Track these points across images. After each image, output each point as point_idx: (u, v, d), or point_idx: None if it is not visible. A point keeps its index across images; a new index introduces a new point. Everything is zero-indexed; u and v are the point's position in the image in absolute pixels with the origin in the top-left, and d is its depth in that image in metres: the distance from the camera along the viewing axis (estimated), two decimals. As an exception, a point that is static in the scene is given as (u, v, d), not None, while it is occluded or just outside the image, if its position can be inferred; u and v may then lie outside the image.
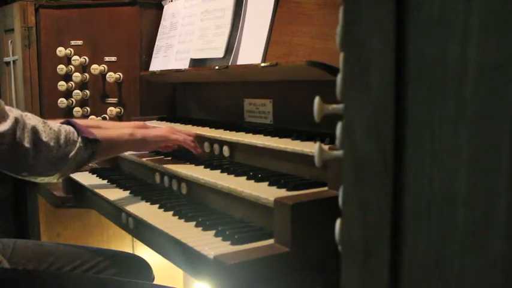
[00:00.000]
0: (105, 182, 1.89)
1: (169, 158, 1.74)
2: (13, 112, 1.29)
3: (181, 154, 1.72)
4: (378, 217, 0.55)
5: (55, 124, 1.38)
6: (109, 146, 1.51)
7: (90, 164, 1.58)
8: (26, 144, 1.28)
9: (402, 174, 0.53)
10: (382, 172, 0.54)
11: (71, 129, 1.40)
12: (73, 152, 1.37)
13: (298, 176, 1.32)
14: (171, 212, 1.39)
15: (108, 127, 1.71)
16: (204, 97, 2.18)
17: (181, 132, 1.69)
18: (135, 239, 2.39)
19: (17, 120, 1.28)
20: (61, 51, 2.35)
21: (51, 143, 1.33)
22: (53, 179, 1.41)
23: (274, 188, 1.24)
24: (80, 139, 1.39)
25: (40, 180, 1.41)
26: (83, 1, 2.40)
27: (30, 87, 2.42)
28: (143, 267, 1.80)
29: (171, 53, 2.19)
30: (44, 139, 1.32)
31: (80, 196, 1.93)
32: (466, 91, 0.47)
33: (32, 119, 1.33)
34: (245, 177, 1.36)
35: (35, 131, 1.31)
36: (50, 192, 2.03)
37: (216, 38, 1.92)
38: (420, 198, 0.51)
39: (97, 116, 2.36)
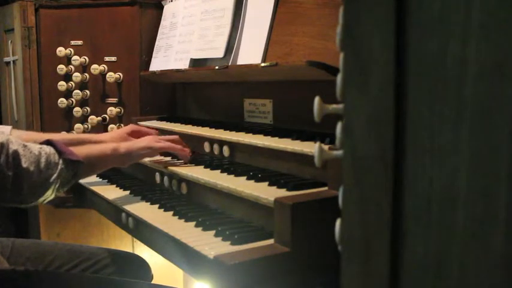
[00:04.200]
0: (105, 181, 1.89)
1: (169, 158, 1.74)
2: (0, 137, 1.23)
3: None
4: (378, 217, 0.55)
5: (35, 146, 1.31)
6: (92, 164, 1.46)
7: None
8: (8, 171, 1.22)
9: (402, 174, 0.53)
10: (382, 172, 0.54)
11: (52, 150, 1.33)
12: (55, 175, 1.31)
13: (298, 176, 1.32)
14: (171, 212, 1.39)
15: (90, 139, 1.69)
16: (204, 97, 2.18)
17: (165, 138, 1.66)
18: (135, 239, 2.39)
19: (2, 146, 1.22)
20: (61, 51, 2.34)
21: (31, 168, 1.26)
22: (36, 203, 1.35)
23: (274, 188, 1.24)
24: (61, 161, 1.33)
25: (24, 206, 1.35)
26: (83, 1, 2.40)
27: (30, 87, 2.42)
28: (141, 265, 1.80)
29: (171, 53, 2.19)
30: (24, 165, 1.25)
31: (80, 196, 1.94)
32: (466, 91, 0.47)
33: (13, 143, 1.26)
34: (245, 177, 1.36)
35: (14, 157, 1.24)
36: (50, 192, 2.02)
37: (216, 38, 1.92)
38: (420, 198, 0.51)
39: (97, 116, 2.36)
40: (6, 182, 1.22)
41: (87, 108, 2.38)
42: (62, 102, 2.36)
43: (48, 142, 1.37)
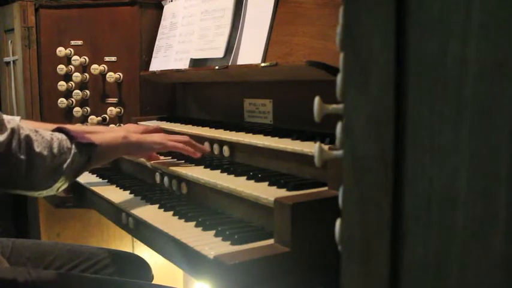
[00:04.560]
0: (105, 182, 1.89)
1: (169, 158, 1.74)
2: (11, 123, 1.23)
3: (181, 154, 1.72)
4: (378, 217, 0.55)
5: (47, 133, 1.31)
6: (104, 149, 1.45)
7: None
8: (21, 156, 1.21)
9: (402, 174, 0.53)
10: (382, 172, 0.54)
11: (63, 136, 1.33)
12: (68, 160, 1.30)
13: (298, 176, 1.32)
14: (171, 212, 1.39)
15: (101, 131, 1.69)
16: (204, 97, 2.18)
17: (177, 138, 1.64)
18: (135, 239, 2.39)
19: (13, 131, 1.21)
20: (61, 51, 2.34)
21: (45, 153, 1.25)
22: (51, 192, 1.34)
23: (274, 188, 1.24)
24: (73, 146, 1.32)
25: (38, 194, 1.34)
26: (83, 1, 2.40)
27: (30, 87, 2.42)
28: (142, 266, 1.80)
29: (171, 53, 2.19)
30: (37, 149, 1.24)
31: (80, 196, 1.94)
32: (466, 91, 0.47)
33: (24, 129, 1.26)
34: (245, 177, 1.36)
35: (27, 141, 1.24)
36: (50, 192, 2.02)
37: (216, 38, 1.92)
38: (420, 198, 0.51)
39: (97, 116, 2.36)
40: (20, 166, 1.22)
41: (87, 108, 2.38)
42: (62, 102, 2.36)
43: (59, 129, 1.37)
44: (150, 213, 1.43)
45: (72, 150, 1.32)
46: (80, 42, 2.37)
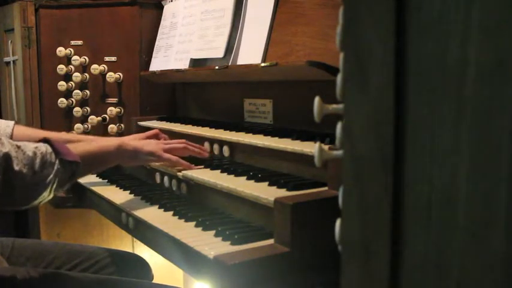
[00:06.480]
0: (105, 181, 1.89)
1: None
2: None
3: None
4: (378, 217, 0.55)
5: (30, 146, 1.26)
6: (92, 162, 1.42)
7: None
8: None
9: (402, 174, 0.53)
10: (382, 172, 0.54)
11: (48, 149, 1.28)
12: (51, 176, 1.26)
13: (298, 176, 1.32)
14: (171, 212, 1.39)
15: (96, 140, 1.65)
16: (204, 97, 2.18)
17: (172, 144, 1.62)
18: (135, 239, 2.39)
19: None
20: (61, 51, 2.34)
21: (24, 170, 1.21)
22: (33, 205, 1.30)
23: (274, 188, 1.24)
24: (57, 161, 1.28)
25: (19, 209, 1.31)
26: (83, 1, 2.40)
27: (30, 87, 2.42)
28: (142, 265, 1.80)
29: (171, 53, 2.19)
30: (16, 167, 1.19)
31: (80, 196, 1.94)
32: (466, 91, 0.47)
33: (5, 145, 1.20)
34: (245, 177, 1.36)
35: (6, 159, 1.18)
36: (50, 192, 2.02)
37: (216, 38, 1.92)
38: (420, 198, 0.51)
39: (97, 116, 2.36)
40: None
41: (87, 108, 2.38)
42: (62, 102, 2.36)
43: (45, 140, 1.33)
44: (150, 213, 1.43)
45: (56, 166, 1.27)
46: (80, 42, 2.37)
